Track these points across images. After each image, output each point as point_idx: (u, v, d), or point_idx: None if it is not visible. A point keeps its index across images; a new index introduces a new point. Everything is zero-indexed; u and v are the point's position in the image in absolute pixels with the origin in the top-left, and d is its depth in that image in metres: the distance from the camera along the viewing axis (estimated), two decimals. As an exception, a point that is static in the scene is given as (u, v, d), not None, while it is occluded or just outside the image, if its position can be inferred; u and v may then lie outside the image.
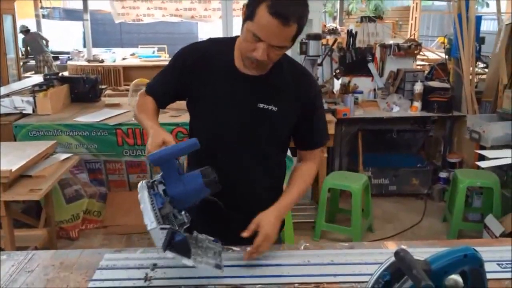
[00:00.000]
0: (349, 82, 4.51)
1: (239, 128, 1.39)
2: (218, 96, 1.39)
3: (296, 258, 1.37)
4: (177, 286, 1.22)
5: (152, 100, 1.47)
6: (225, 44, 1.41)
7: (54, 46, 10.21)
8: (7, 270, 1.30)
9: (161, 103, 1.48)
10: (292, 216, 3.35)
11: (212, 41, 1.48)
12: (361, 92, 4.50)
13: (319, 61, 3.95)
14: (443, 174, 4.22)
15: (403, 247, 1.41)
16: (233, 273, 1.27)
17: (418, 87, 4.19)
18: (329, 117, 3.69)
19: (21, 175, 2.57)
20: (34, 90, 3.94)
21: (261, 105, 1.37)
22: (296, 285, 1.24)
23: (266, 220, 1.32)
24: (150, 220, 1.12)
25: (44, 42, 9.19)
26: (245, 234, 1.31)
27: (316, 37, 3.79)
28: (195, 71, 1.39)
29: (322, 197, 3.38)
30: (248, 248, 1.32)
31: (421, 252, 1.12)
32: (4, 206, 2.38)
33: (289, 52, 1.42)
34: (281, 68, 1.39)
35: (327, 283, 1.25)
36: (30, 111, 3.75)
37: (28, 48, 9.09)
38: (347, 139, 4.27)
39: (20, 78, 6.22)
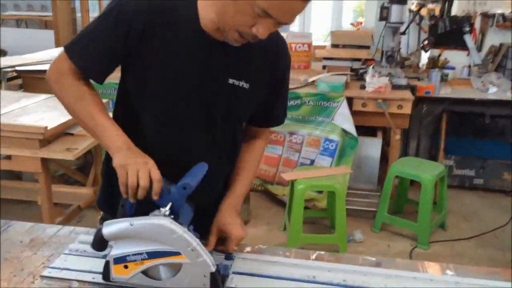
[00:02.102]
0: (439, 55, 3.94)
1: (200, 108, 1.10)
2: (178, 64, 1.05)
3: (299, 271, 1.08)
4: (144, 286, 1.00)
5: (88, 83, 1.08)
6: None
7: None
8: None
9: (100, 81, 1.09)
10: (349, 202, 3.02)
11: None
12: (453, 68, 3.91)
13: (402, 29, 3.44)
14: (543, 171, 3.56)
15: (450, 273, 1.07)
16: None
17: (524, 66, 3.52)
18: (405, 94, 3.22)
19: (66, 133, 2.51)
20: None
21: (231, 81, 1.09)
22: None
23: (230, 222, 1.15)
24: (212, 262, 0.96)
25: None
26: (209, 247, 1.12)
27: (401, 0, 3.29)
28: (148, 33, 1.03)
29: (386, 185, 2.98)
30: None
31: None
32: (41, 162, 2.33)
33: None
34: None
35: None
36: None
37: None
38: (428, 120, 3.74)
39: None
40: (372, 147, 3.38)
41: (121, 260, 0.96)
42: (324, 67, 3.83)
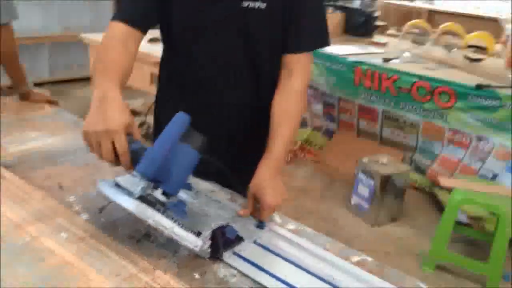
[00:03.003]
0: None
1: (219, 35, 1.13)
2: None
3: (323, 266, 0.93)
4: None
5: (128, 33, 1.06)
6: None
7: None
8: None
9: (144, 29, 1.09)
10: None
11: None
12: None
13: None
14: None
15: None
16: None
17: None
18: None
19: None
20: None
21: (246, 4, 1.08)
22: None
23: (264, 187, 1.05)
24: (193, 241, 0.87)
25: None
26: (242, 212, 1.06)
27: None
28: None
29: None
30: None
31: None
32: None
33: None
34: None
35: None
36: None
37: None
38: None
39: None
40: None
41: None
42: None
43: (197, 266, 0.90)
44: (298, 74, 1.16)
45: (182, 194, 1.10)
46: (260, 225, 1.03)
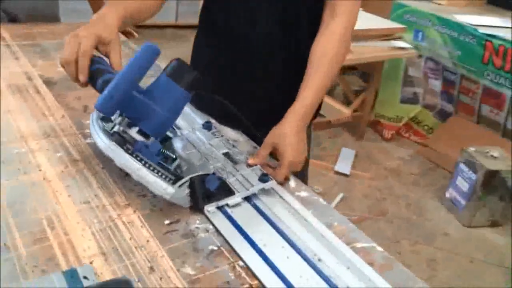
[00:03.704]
0: None
1: None
2: None
3: (313, 244, 0.77)
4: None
5: None
6: None
7: None
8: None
9: None
10: None
11: None
12: None
13: None
14: None
15: None
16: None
17: None
18: None
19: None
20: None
21: None
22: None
23: (286, 142, 0.92)
24: (162, 188, 0.76)
25: None
26: (252, 161, 0.92)
27: None
28: None
29: None
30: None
31: None
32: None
33: None
34: None
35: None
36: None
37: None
38: None
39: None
40: None
41: None
42: None
43: (172, 213, 0.80)
44: (341, 15, 0.98)
45: (194, 135, 1.01)
46: (264, 177, 0.88)
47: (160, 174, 0.78)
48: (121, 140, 0.78)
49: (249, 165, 0.93)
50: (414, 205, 2.51)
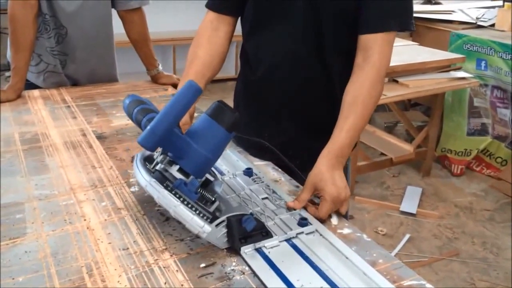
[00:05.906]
0: None
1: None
2: None
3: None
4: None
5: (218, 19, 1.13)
6: None
7: None
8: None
9: (235, 13, 1.14)
10: None
11: None
12: None
13: None
14: None
15: None
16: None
17: None
18: None
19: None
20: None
21: None
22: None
23: (324, 177, 0.91)
24: (199, 226, 0.75)
25: None
26: (292, 204, 0.92)
27: None
28: None
29: None
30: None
31: None
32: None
33: None
34: None
35: None
36: (487, 23, 3.30)
37: None
38: None
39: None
40: None
41: None
42: None
43: (209, 255, 0.79)
44: (374, 57, 1.00)
45: (234, 180, 1.01)
46: (302, 222, 0.86)
47: (197, 212, 0.77)
48: (162, 178, 0.80)
49: (289, 209, 0.91)
50: (490, 243, 2.30)
